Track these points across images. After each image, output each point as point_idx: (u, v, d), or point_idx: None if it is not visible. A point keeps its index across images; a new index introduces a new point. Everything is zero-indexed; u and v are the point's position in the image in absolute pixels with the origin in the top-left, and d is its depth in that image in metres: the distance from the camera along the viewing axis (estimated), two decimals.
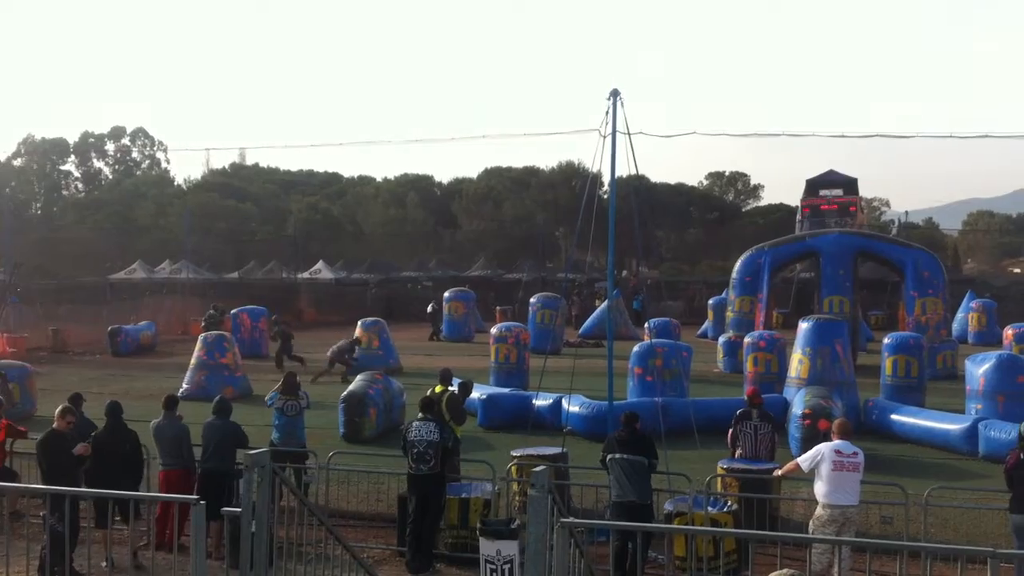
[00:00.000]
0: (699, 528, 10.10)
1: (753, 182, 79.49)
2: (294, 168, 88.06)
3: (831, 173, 39.81)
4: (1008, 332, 26.64)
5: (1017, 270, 73.44)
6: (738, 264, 31.08)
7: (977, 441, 16.47)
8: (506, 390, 20.81)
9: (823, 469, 10.05)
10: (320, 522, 8.89)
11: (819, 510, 10.08)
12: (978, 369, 18.63)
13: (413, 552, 10.98)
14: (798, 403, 16.65)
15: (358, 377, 19.55)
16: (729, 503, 11.29)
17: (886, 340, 23.27)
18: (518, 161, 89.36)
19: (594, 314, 39.76)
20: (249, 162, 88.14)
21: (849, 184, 39.07)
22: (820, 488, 10.09)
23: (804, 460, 10.43)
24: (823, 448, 10.25)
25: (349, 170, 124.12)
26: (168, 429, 11.54)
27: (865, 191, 50.94)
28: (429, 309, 40.57)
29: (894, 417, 18.58)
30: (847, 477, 10.02)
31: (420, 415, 11.42)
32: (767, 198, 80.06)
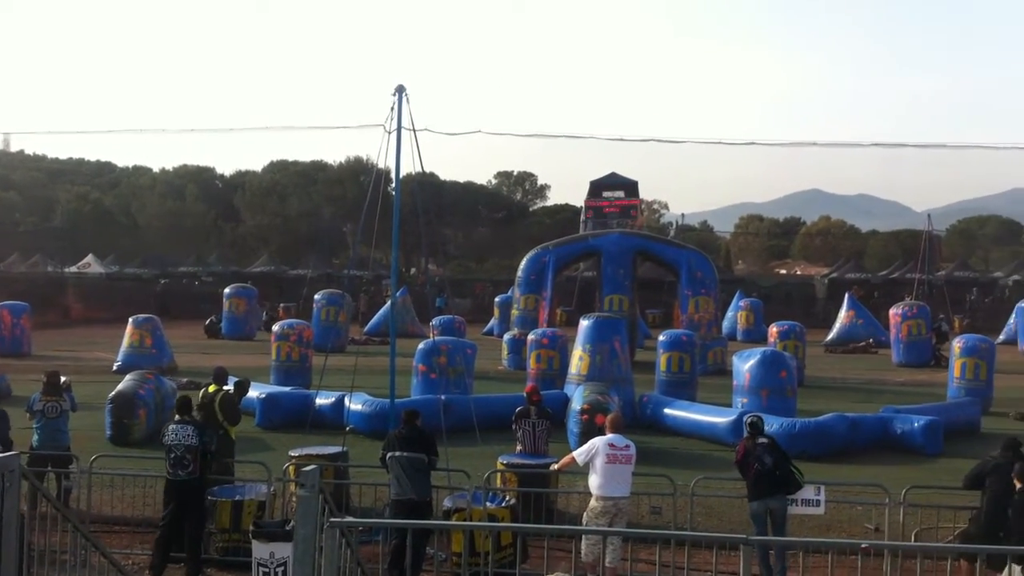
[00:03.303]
0: (473, 524, 10.11)
1: (540, 182, 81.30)
2: (63, 156, 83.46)
3: (613, 175, 41.04)
4: (772, 330, 28.15)
5: (783, 271, 78.28)
6: (523, 263, 31.58)
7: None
8: (286, 388, 20.33)
9: (597, 462, 10.27)
10: (75, 528, 8.36)
11: (592, 502, 10.30)
12: (744, 365, 19.56)
13: (162, 557, 10.47)
14: (577, 398, 17.00)
15: (127, 376, 18.60)
16: (508, 498, 11.37)
17: (661, 337, 24.14)
18: (305, 155, 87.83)
19: (380, 311, 39.51)
20: (13, 148, 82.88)
21: (630, 186, 40.37)
22: (594, 481, 10.31)
23: (580, 454, 10.63)
24: (597, 442, 10.47)
25: (123, 159, 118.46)
26: None
27: (645, 193, 53.04)
28: (208, 322, 39.07)
29: (667, 411, 19.28)
30: (620, 469, 10.28)
31: (177, 417, 10.87)
32: (554, 198, 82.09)
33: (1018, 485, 9.53)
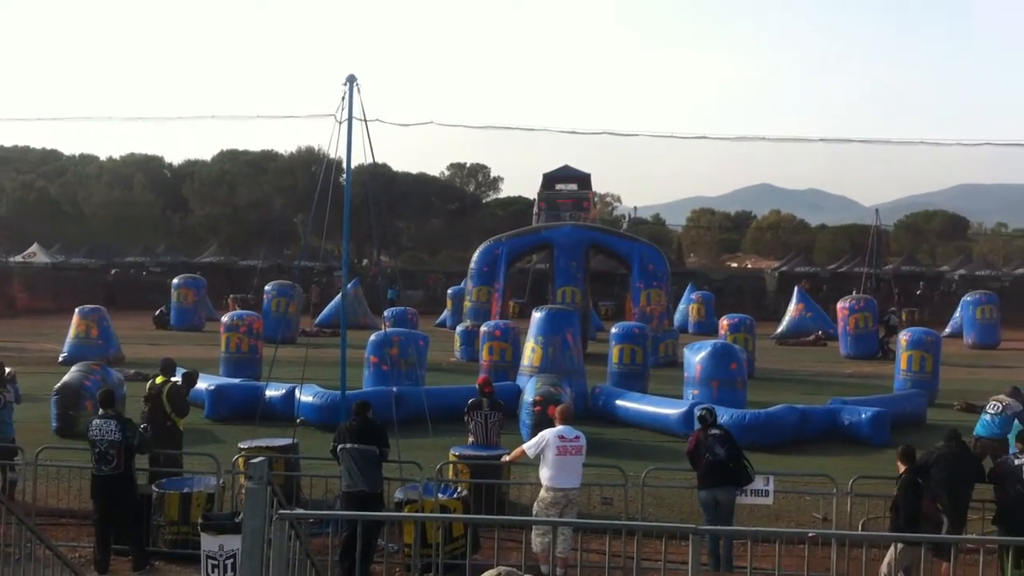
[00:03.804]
0: (424, 515, 10.08)
1: (493, 174, 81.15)
2: (7, 143, 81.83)
3: (566, 168, 41.08)
4: (723, 322, 28.33)
5: (734, 264, 79.01)
6: (476, 254, 31.52)
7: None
8: (236, 380, 20.14)
9: (548, 454, 10.33)
10: (20, 521, 8.23)
11: (543, 492, 10.35)
12: (695, 357, 19.68)
13: (103, 552, 10.37)
14: (530, 390, 17.02)
15: (73, 368, 18.32)
16: (459, 489, 11.36)
17: (613, 330, 24.23)
18: (255, 145, 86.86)
19: (332, 303, 39.27)
20: None
21: (583, 179, 40.43)
22: (545, 472, 10.36)
23: (530, 447, 10.66)
24: (547, 434, 10.53)
25: (70, 147, 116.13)
26: None
27: (598, 186, 53.10)
28: (157, 312, 38.60)
29: (618, 403, 19.38)
30: (570, 461, 10.33)
31: (100, 411, 10.69)
32: (507, 190, 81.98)
33: (901, 467, 9.77)
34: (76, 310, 27.40)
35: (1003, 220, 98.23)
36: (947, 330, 38.29)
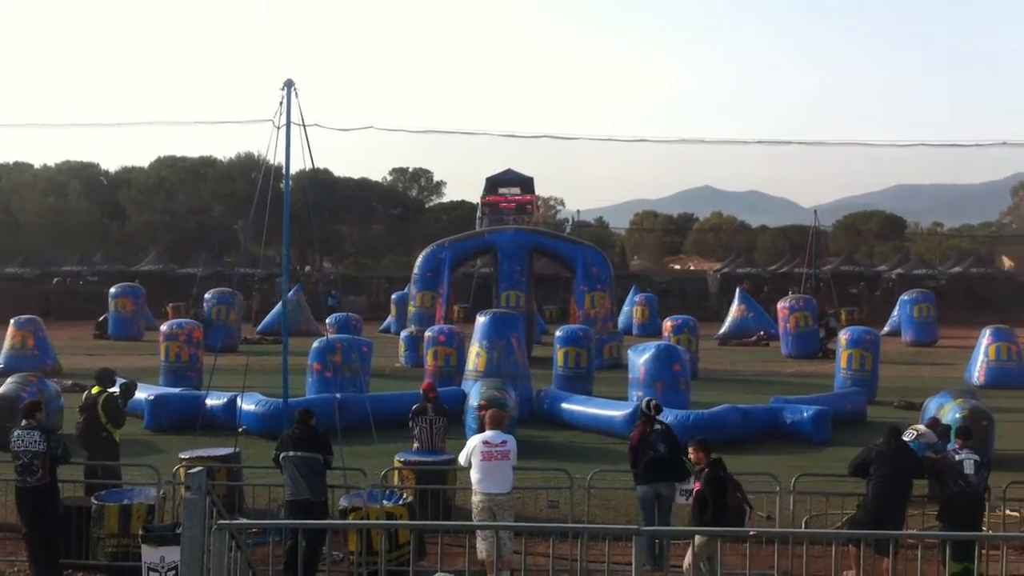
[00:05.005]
0: (367, 522, 10.00)
1: (436, 179, 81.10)
2: None
3: (509, 172, 41.25)
4: (667, 324, 28.53)
5: (677, 266, 79.72)
6: (419, 259, 31.39)
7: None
8: (176, 390, 19.84)
9: (474, 460, 10.40)
10: None
11: (473, 497, 10.39)
12: (639, 359, 19.76)
13: (38, 567, 10.21)
14: (474, 395, 16.95)
15: (9, 379, 17.93)
16: (404, 495, 11.29)
17: (558, 333, 24.27)
18: (194, 151, 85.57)
19: (274, 310, 38.92)
20: None
21: (526, 183, 40.61)
22: (474, 476, 10.45)
23: (461, 457, 10.71)
24: (474, 440, 10.63)
25: (3, 155, 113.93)
26: None
27: (541, 190, 53.28)
28: (100, 320, 37.95)
29: (564, 406, 19.40)
30: (496, 466, 10.36)
31: (23, 422, 10.55)
32: (450, 195, 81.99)
33: (701, 460, 9.92)
34: (11, 321, 26.87)
35: (939, 220, 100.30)
36: (886, 328, 38.97)
